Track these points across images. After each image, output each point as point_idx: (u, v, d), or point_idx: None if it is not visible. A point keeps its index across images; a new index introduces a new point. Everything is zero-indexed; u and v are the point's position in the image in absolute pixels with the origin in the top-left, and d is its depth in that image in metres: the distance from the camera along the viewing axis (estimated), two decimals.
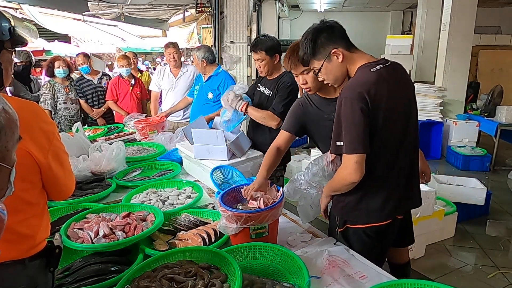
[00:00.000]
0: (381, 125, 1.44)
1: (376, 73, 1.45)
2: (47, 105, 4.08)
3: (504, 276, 2.91)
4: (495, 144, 5.52)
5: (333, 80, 1.57)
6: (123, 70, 4.42)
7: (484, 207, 3.78)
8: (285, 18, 13.48)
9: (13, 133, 0.75)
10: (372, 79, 1.44)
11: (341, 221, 1.64)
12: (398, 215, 1.62)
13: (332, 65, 1.52)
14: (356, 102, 1.40)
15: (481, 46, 9.18)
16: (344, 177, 1.47)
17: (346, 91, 1.44)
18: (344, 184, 1.49)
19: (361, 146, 1.41)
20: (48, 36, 9.22)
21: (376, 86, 1.43)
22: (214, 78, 3.42)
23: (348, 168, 1.44)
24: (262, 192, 1.64)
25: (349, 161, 1.43)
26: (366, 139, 1.41)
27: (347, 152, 1.43)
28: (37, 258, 1.09)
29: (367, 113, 1.41)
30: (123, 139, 3.32)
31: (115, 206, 1.80)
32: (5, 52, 1.10)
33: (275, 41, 2.55)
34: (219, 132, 2.26)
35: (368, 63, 1.49)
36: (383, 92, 1.44)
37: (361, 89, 1.41)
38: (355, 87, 1.43)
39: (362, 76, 1.47)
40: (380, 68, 1.47)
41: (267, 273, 1.34)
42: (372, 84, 1.42)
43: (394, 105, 1.47)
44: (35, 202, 1.10)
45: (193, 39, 8.45)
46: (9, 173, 0.76)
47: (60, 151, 1.15)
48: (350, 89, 1.44)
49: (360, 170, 1.42)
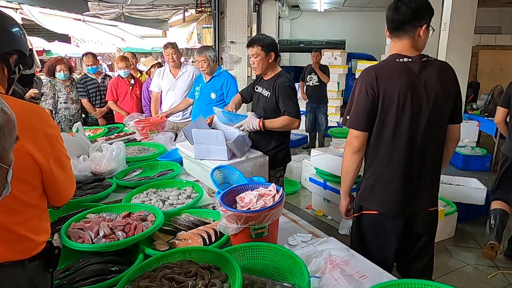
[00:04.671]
0: (383, 113, 1.55)
1: (399, 64, 1.55)
2: (48, 104, 4.08)
3: (504, 276, 2.91)
4: (495, 144, 5.53)
5: None
6: (121, 72, 4.44)
7: (484, 207, 3.76)
8: (285, 18, 13.49)
9: (11, 133, 0.75)
10: (390, 68, 1.56)
11: (358, 207, 1.75)
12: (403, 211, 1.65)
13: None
14: (364, 84, 1.55)
15: (481, 46, 9.18)
16: (346, 150, 1.65)
17: (362, 72, 1.60)
18: (348, 157, 1.66)
19: (356, 124, 1.59)
20: (48, 36, 9.22)
21: (391, 75, 1.53)
22: (216, 78, 3.42)
23: (350, 139, 1.63)
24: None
25: (350, 134, 1.62)
26: (363, 119, 1.57)
27: (348, 125, 1.61)
28: (37, 259, 1.09)
29: (372, 95, 1.53)
30: (123, 139, 3.32)
31: (115, 206, 1.80)
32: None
33: (273, 41, 2.55)
34: (219, 132, 2.26)
35: (398, 54, 1.58)
36: (398, 83, 1.52)
37: (374, 73, 1.54)
38: (370, 70, 1.58)
39: (384, 62, 1.61)
40: (407, 61, 1.56)
41: (267, 273, 1.34)
42: (387, 71, 1.54)
43: (409, 98, 1.53)
44: (34, 204, 1.10)
45: (193, 39, 8.45)
46: (6, 173, 0.76)
47: (62, 155, 1.15)
48: (366, 71, 1.59)
49: (358, 142, 1.60)
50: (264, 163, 2.39)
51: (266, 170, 2.41)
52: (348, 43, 11.35)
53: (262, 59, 2.50)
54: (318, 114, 6.41)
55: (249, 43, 2.55)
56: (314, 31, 13.52)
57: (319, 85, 6.33)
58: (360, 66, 7.51)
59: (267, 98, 2.57)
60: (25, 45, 1.20)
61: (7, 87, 1.19)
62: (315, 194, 4.02)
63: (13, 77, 1.20)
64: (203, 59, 3.32)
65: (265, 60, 2.51)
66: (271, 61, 2.53)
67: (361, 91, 1.56)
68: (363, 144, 1.62)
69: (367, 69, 1.59)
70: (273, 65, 2.58)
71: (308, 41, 11.34)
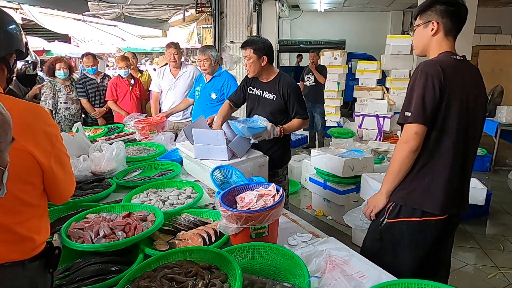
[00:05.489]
0: (448, 110, 1.51)
1: (456, 61, 1.55)
2: (48, 104, 4.08)
3: (504, 276, 2.91)
4: (495, 144, 5.53)
5: (416, 45, 1.68)
6: (121, 72, 4.44)
7: (484, 207, 3.77)
8: (285, 18, 13.49)
9: (6, 134, 0.75)
10: (452, 64, 1.53)
11: (394, 212, 1.64)
12: (452, 213, 1.61)
13: (424, 32, 1.61)
14: (431, 77, 1.48)
15: (481, 46, 9.19)
16: (403, 148, 1.54)
17: (425, 65, 1.52)
18: (404, 156, 1.54)
19: (422, 118, 1.48)
20: (48, 36, 9.22)
21: (454, 71, 1.51)
22: (217, 78, 3.42)
23: (407, 137, 1.51)
24: None
25: (409, 130, 1.51)
26: (429, 114, 1.49)
27: (412, 120, 1.50)
28: (37, 259, 1.09)
29: (440, 89, 1.48)
30: (123, 139, 3.32)
31: (115, 206, 1.80)
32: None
33: (267, 44, 2.51)
34: (220, 132, 2.26)
35: (451, 52, 1.58)
36: (459, 80, 1.52)
37: (440, 67, 1.49)
38: (435, 64, 1.52)
39: (445, 58, 1.56)
40: (460, 59, 1.57)
41: (267, 273, 1.34)
42: (451, 67, 1.51)
43: (466, 97, 1.53)
44: (35, 204, 1.10)
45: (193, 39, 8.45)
46: (2, 174, 0.76)
47: (62, 154, 1.15)
48: (430, 65, 1.52)
49: (418, 140, 1.50)
50: (264, 163, 2.39)
51: (266, 170, 2.41)
52: (348, 43, 11.36)
53: (254, 62, 2.48)
54: (314, 114, 6.43)
55: (242, 45, 2.53)
56: (314, 31, 13.52)
57: (315, 85, 6.36)
58: (360, 66, 7.51)
59: (272, 101, 2.53)
60: (22, 42, 1.20)
61: (6, 85, 1.20)
62: (315, 194, 4.02)
63: (12, 76, 1.20)
64: (205, 58, 3.32)
65: (257, 63, 2.48)
66: (263, 64, 2.50)
67: (427, 84, 1.48)
68: (422, 142, 1.52)
69: (431, 63, 1.53)
70: (268, 67, 2.54)
71: (308, 41, 11.34)
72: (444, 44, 1.59)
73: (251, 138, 2.34)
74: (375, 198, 1.72)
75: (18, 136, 0.91)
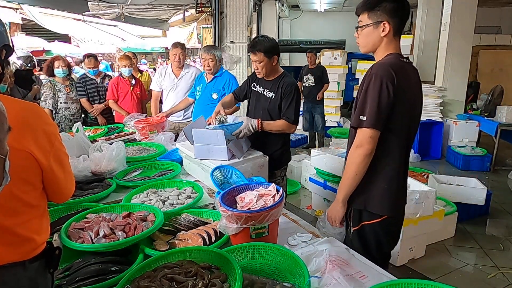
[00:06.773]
0: (397, 111, 1.52)
1: (404, 63, 1.57)
2: (47, 104, 4.09)
3: (504, 276, 2.91)
4: (495, 144, 5.53)
5: (363, 44, 1.66)
6: (125, 70, 4.44)
7: (484, 207, 3.78)
8: (285, 18, 13.49)
9: (2, 124, 0.77)
10: (402, 67, 1.55)
11: (356, 218, 1.67)
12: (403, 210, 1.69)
13: (374, 32, 1.60)
14: (385, 81, 1.48)
15: (481, 46, 9.19)
16: (358, 152, 1.54)
17: (378, 69, 1.51)
18: (360, 160, 1.54)
19: (378, 123, 1.49)
20: (48, 36, 9.23)
21: (403, 74, 1.52)
22: (219, 78, 3.42)
23: (361, 141, 1.52)
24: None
25: (364, 135, 1.52)
26: (384, 118, 1.50)
27: (367, 125, 1.50)
28: (37, 259, 1.09)
29: (393, 93, 1.48)
30: (123, 139, 3.31)
31: (116, 206, 1.80)
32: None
33: (274, 42, 2.50)
34: (220, 132, 2.26)
35: (398, 54, 1.60)
36: (407, 82, 1.54)
37: (393, 71, 1.49)
38: (387, 67, 1.51)
39: (394, 61, 1.56)
40: (407, 62, 1.59)
41: (267, 273, 1.34)
42: (401, 71, 1.52)
43: (412, 98, 1.57)
44: (35, 204, 1.10)
45: (193, 39, 8.46)
46: (3, 163, 0.77)
47: (61, 153, 1.15)
48: (382, 68, 1.51)
49: (372, 144, 1.51)
50: (264, 163, 2.39)
51: (266, 170, 2.41)
52: (348, 43, 11.34)
53: (266, 64, 2.46)
54: (314, 114, 6.43)
55: (250, 49, 2.49)
56: (314, 31, 13.52)
57: (315, 86, 6.36)
58: (360, 66, 7.51)
59: (271, 99, 2.53)
60: (8, 37, 1.19)
61: None
62: (315, 194, 4.02)
63: (3, 72, 1.20)
64: (210, 58, 3.31)
65: (268, 64, 2.47)
66: (274, 64, 2.50)
67: (382, 88, 1.48)
68: (376, 145, 1.53)
69: (384, 66, 1.52)
70: (276, 66, 2.55)
71: (308, 41, 11.33)
72: (392, 45, 1.60)
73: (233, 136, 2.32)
74: (333, 208, 1.70)
75: (17, 135, 0.91)
